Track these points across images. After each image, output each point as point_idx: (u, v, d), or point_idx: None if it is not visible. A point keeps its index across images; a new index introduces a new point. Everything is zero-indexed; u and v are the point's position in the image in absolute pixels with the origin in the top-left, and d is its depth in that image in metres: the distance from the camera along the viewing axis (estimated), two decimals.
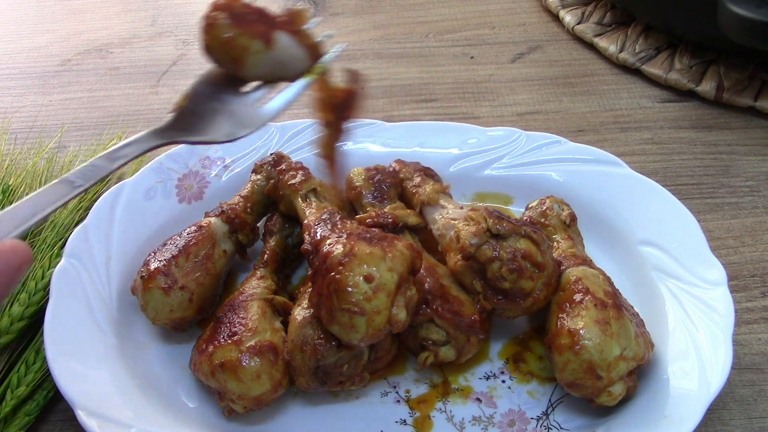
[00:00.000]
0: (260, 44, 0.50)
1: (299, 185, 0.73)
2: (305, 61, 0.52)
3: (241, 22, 0.50)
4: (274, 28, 0.50)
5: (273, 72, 0.51)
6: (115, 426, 0.60)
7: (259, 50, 0.50)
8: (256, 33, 0.50)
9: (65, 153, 0.91)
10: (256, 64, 0.50)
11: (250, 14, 0.50)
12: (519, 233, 0.64)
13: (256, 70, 0.51)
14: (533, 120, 0.96)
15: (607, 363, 0.60)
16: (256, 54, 0.50)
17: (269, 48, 0.50)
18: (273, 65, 0.51)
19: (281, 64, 0.51)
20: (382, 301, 0.58)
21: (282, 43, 0.50)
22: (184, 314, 0.68)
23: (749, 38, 0.84)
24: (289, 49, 0.51)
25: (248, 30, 0.50)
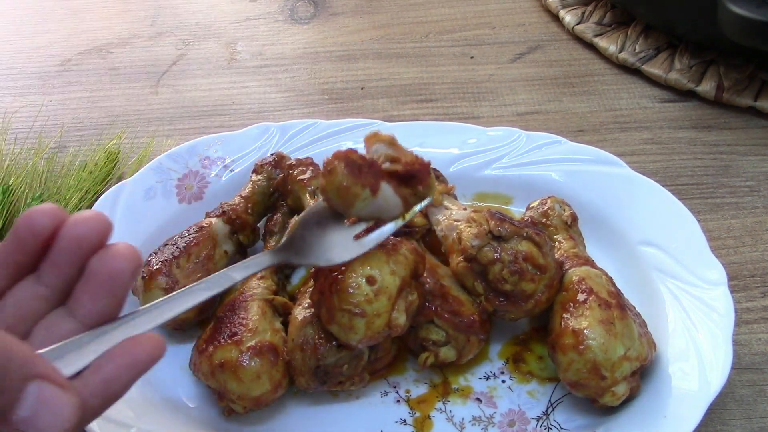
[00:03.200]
0: (368, 193, 0.57)
1: (308, 181, 0.73)
2: (399, 208, 0.60)
3: (355, 171, 0.57)
4: (380, 179, 0.58)
5: (372, 214, 0.59)
6: (115, 426, 0.60)
7: (367, 198, 0.57)
8: (367, 184, 0.57)
9: (65, 153, 0.91)
10: (362, 208, 0.58)
11: (362, 164, 0.57)
12: (521, 235, 0.64)
13: (359, 213, 0.59)
14: (533, 120, 0.96)
15: (612, 363, 0.60)
16: (364, 201, 0.57)
17: (374, 197, 0.58)
18: (374, 209, 0.59)
19: (380, 208, 0.59)
20: (382, 304, 0.58)
21: (385, 193, 0.58)
22: (185, 315, 0.68)
23: (749, 38, 0.84)
24: (388, 198, 0.58)
25: (361, 181, 0.57)
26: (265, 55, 1.09)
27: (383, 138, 0.61)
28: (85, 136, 0.96)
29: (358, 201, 0.57)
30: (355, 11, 1.17)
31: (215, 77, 1.05)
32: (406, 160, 0.59)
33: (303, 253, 0.59)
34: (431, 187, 0.61)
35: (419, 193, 0.60)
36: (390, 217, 0.60)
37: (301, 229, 0.60)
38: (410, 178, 0.59)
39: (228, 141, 0.82)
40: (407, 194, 0.60)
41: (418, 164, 0.60)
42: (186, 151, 0.81)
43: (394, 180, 0.59)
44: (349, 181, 0.57)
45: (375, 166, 0.58)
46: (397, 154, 0.60)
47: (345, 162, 0.57)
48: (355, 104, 1.00)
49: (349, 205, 0.58)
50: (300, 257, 0.59)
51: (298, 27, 1.14)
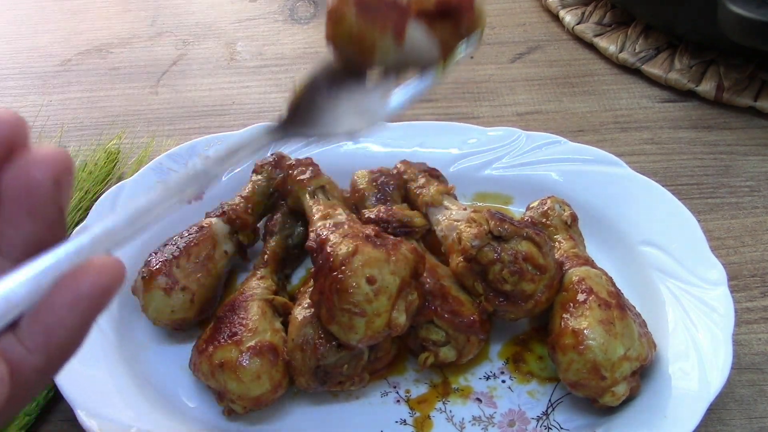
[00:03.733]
0: (390, 38, 0.45)
1: (308, 181, 0.73)
2: (436, 53, 0.47)
3: (371, 14, 0.45)
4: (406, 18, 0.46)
5: (399, 63, 0.47)
6: (115, 426, 0.60)
7: (389, 45, 0.45)
8: (388, 27, 0.45)
9: None
10: (383, 58, 0.46)
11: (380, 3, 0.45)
12: (521, 235, 0.64)
13: (382, 63, 0.46)
14: (533, 120, 0.96)
15: (612, 363, 0.60)
16: (385, 50, 0.45)
17: (399, 42, 0.45)
18: (401, 58, 0.46)
19: (410, 56, 0.47)
20: (382, 304, 0.58)
21: (413, 36, 0.46)
22: (186, 315, 0.68)
23: (749, 38, 0.84)
24: (420, 42, 0.46)
25: (379, 24, 0.45)
26: (265, 55, 1.09)
27: None
28: (85, 136, 0.95)
29: (376, 51, 0.45)
30: None
31: (215, 77, 1.05)
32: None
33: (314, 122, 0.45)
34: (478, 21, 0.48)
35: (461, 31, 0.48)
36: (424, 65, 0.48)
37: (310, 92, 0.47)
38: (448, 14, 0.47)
39: (227, 140, 0.82)
40: (446, 35, 0.47)
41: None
42: (186, 151, 0.81)
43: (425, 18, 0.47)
44: (363, 27, 0.45)
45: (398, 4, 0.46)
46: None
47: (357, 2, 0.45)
48: None
49: (366, 58, 0.46)
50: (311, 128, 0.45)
51: (298, 27, 1.14)
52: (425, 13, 0.47)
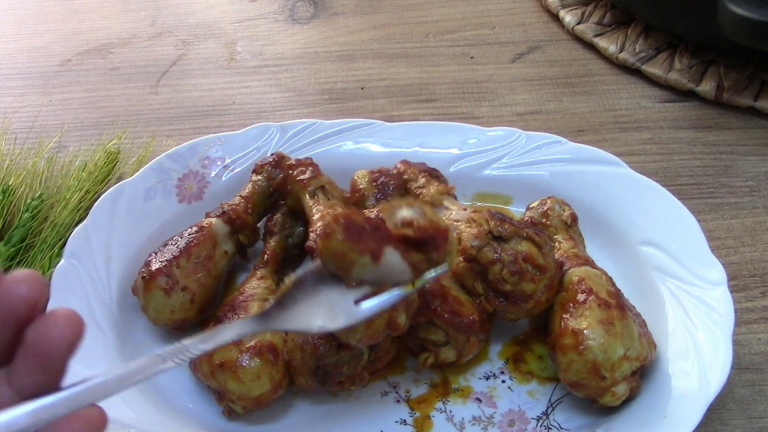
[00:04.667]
0: (368, 260, 0.53)
1: (308, 181, 0.73)
2: (407, 274, 0.55)
3: (355, 236, 0.52)
4: (384, 244, 0.53)
5: (374, 280, 0.54)
6: (115, 426, 0.60)
7: (366, 265, 0.53)
8: (366, 250, 0.52)
9: (65, 153, 0.91)
10: (361, 274, 0.54)
11: (365, 228, 0.53)
12: (521, 235, 0.64)
13: (358, 278, 0.54)
14: (533, 120, 0.96)
15: (611, 363, 0.60)
16: (363, 267, 0.53)
17: (375, 264, 0.53)
18: (376, 275, 0.54)
19: (384, 274, 0.54)
20: None
21: (389, 259, 0.53)
22: (186, 315, 0.68)
23: (749, 38, 0.84)
24: (394, 264, 0.54)
25: (359, 247, 0.52)
26: (265, 55, 1.09)
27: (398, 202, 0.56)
28: (85, 136, 0.96)
29: (355, 267, 0.53)
30: (355, 11, 1.17)
31: (215, 77, 1.05)
32: (420, 224, 0.55)
33: (293, 317, 0.54)
34: (448, 254, 0.56)
35: (433, 260, 0.55)
36: (396, 283, 0.55)
37: (295, 289, 0.55)
38: (424, 244, 0.55)
39: (228, 141, 0.82)
40: (418, 260, 0.55)
41: (433, 229, 0.55)
42: (186, 151, 0.81)
43: (403, 245, 0.55)
44: (346, 248, 0.52)
45: (380, 231, 0.54)
46: (411, 217, 0.55)
47: (344, 226, 0.53)
48: (355, 104, 1.00)
49: (346, 271, 0.54)
50: (289, 322, 0.54)
51: (298, 27, 1.14)
52: (404, 240, 0.54)
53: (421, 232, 0.55)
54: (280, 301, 0.54)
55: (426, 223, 0.55)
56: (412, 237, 0.55)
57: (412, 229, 0.55)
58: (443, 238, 0.55)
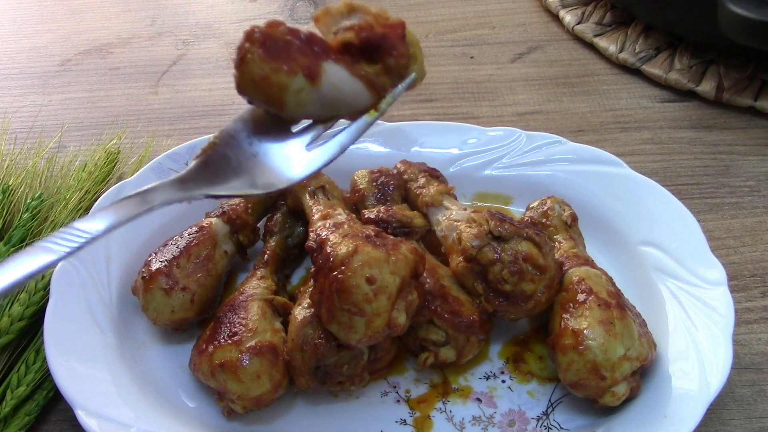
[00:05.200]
0: (303, 81, 0.40)
1: (308, 181, 0.72)
2: (363, 95, 0.42)
3: (277, 53, 0.40)
4: (321, 58, 0.40)
5: (323, 111, 0.42)
6: (115, 426, 0.60)
7: (302, 88, 0.40)
8: (297, 68, 0.40)
9: (65, 153, 0.91)
10: (300, 103, 0.41)
11: (292, 43, 0.41)
12: (521, 235, 0.64)
13: (300, 110, 0.41)
14: (533, 120, 0.96)
15: (611, 363, 0.60)
16: (299, 93, 0.40)
17: (315, 85, 0.40)
18: (322, 104, 0.41)
19: (333, 102, 0.42)
20: (382, 304, 0.58)
21: (332, 77, 0.41)
22: (185, 315, 0.68)
23: (749, 38, 0.84)
24: (341, 84, 0.41)
25: (286, 64, 0.40)
26: None
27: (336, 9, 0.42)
28: (85, 136, 0.96)
29: (289, 93, 0.40)
30: None
31: (215, 77, 1.05)
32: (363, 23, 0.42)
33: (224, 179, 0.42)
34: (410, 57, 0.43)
35: (392, 68, 0.43)
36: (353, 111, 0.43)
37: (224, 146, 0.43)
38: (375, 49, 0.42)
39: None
40: (373, 73, 0.42)
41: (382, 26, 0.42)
42: (186, 151, 0.81)
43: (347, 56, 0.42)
44: (268, 69, 0.40)
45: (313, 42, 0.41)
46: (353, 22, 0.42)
47: (261, 43, 0.40)
48: None
49: (278, 102, 0.41)
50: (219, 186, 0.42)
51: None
52: (348, 50, 0.42)
53: (365, 33, 0.42)
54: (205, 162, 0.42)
55: (371, 19, 0.42)
56: (355, 43, 0.42)
57: (353, 33, 0.42)
58: (397, 35, 0.43)
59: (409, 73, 0.43)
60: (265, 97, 0.41)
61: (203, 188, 0.42)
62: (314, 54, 0.41)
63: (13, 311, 0.69)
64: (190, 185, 0.42)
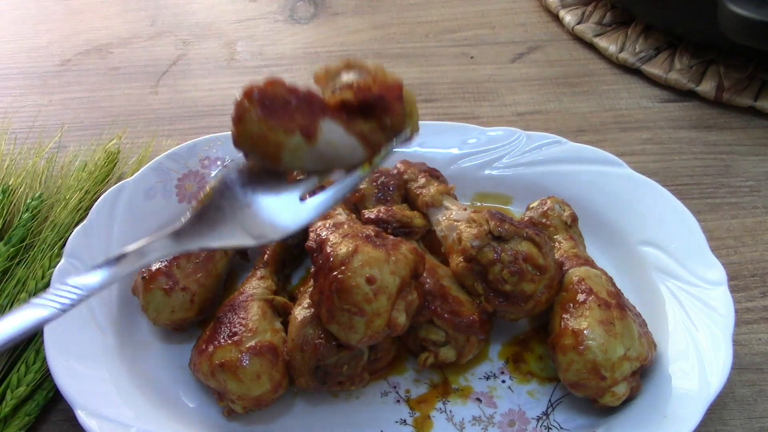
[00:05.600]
0: (299, 140, 0.41)
1: None
2: (358, 151, 0.43)
3: (275, 113, 0.40)
4: (318, 117, 0.41)
5: (318, 165, 0.42)
6: (115, 426, 0.60)
7: (299, 146, 0.41)
8: (294, 127, 0.40)
9: (65, 153, 0.91)
10: (296, 159, 0.42)
11: (290, 102, 0.41)
12: (521, 236, 0.64)
13: (296, 165, 0.42)
14: (533, 120, 0.96)
15: (611, 363, 0.60)
16: (295, 151, 0.41)
17: (311, 143, 0.41)
18: (318, 159, 0.42)
19: (328, 156, 0.42)
20: (382, 304, 0.58)
21: (328, 135, 0.41)
22: (185, 315, 0.68)
23: (749, 38, 0.84)
24: (337, 141, 0.42)
25: (283, 124, 0.40)
26: (265, 55, 1.09)
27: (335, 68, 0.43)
28: (85, 136, 0.95)
29: (286, 151, 0.41)
30: (355, 11, 1.17)
31: (215, 77, 1.05)
32: (361, 83, 0.42)
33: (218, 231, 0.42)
34: (406, 115, 0.44)
35: (388, 126, 0.44)
36: (348, 165, 0.43)
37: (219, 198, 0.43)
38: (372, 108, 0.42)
39: (228, 141, 0.82)
40: (368, 130, 0.43)
41: (379, 87, 0.42)
42: (186, 151, 0.81)
43: (344, 114, 0.42)
44: (265, 128, 0.40)
45: (310, 101, 0.41)
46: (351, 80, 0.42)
47: (259, 102, 0.41)
48: None
49: (274, 159, 0.41)
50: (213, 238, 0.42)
51: (298, 27, 1.14)
52: (345, 108, 0.42)
53: (363, 93, 0.42)
54: (199, 215, 0.43)
55: (368, 80, 0.43)
56: (353, 102, 0.43)
57: (350, 92, 0.43)
58: (394, 96, 0.43)
59: (404, 129, 0.45)
60: (261, 153, 0.42)
61: (198, 241, 0.43)
62: (312, 112, 0.41)
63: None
64: (185, 239, 0.43)
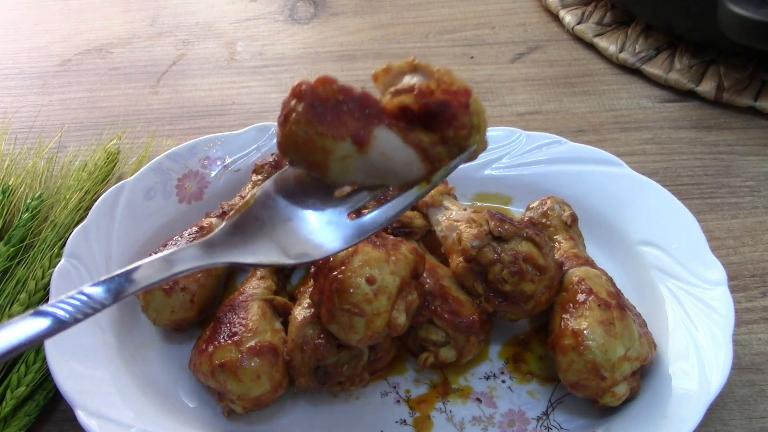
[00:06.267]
0: (350, 147, 0.36)
1: None
2: (416, 166, 0.37)
3: (326, 116, 0.35)
4: (372, 123, 0.36)
5: (370, 179, 0.38)
6: (115, 426, 0.60)
7: (349, 155, 0.36)
8: (345, 133, 0.35)
9: (65, 153, 0.91)
10: (345, 170, 0.37)
11: (342, 104, 0.36)
12: (521, 236, 0.64)
13: (345, 177, 0.37)
14: (533, 120, 0.96)
15: (611, 363, 0.60)
16: (344, 159, 0.36)
17: (363, 152, 0.36)
18: (369, 171, 0.37)
19: (381, 170, 0.37)
20: (382, 304, 0.58)
21: (383, 144, 0.36)
22: (185, 315, 0.68)
23: (749, 38, 0.84)
24: (393, 151, 0.36)
25: (333, 129, 0.35)
26: (265, 55, 1.09)
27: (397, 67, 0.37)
28: (85, 136, 0.95)
29: (333, 159, 0.36)
30: (355, 11, 1.17)
31: (215, 77, 1.05)
32: (424, 87, 0.36)
33: (253, 245, 0.38)
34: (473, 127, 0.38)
35: (450, 139, 0.38)
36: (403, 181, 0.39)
37: (260, 207, 0.39)
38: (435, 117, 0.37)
39: (228, 141, 0.82)
40: (429, 143, 0.37)
41: (444, 92, 0.36)
42: (186, 151, 0.81)
43: (402, 122, 0.37)
44: (312, 131, 0.35)
45: (365, 103, 0.36)
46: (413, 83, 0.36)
47: (308, 102, 0.36)
48: None
49: (321, 168, 0.36)
50: (247, 253, 0.38)
51: (298, 27, 1.14)
52: (404, 116, 0.37)
53: (425, 98, 0.36)
54: (235, 224, 0.38)
55: (432, 84, 0.36)
56: (413, 108, 0.37)
57: (412, 96, 0.37)
58: (460, 104, 0.37)
59: (469, 144, 0.39)
60: (307, 160, 0.37)
61: (231, 255, 0.39)
62: (366, 118, 0.36)
63: (13, 311, 0.69)
64: (218, 251, 0.39)
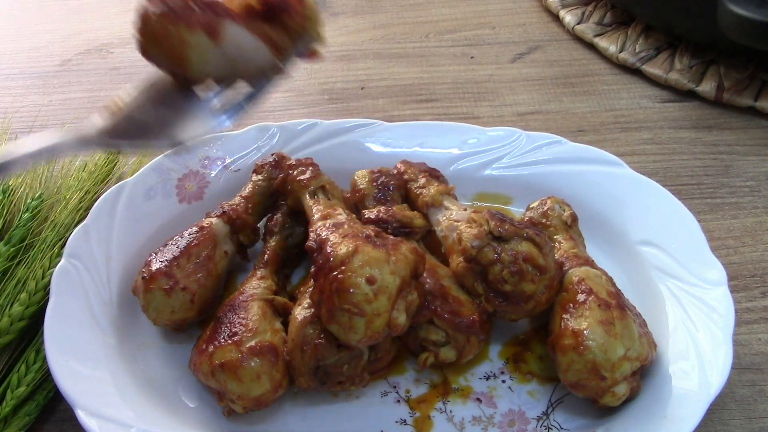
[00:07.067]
0: (203, 37, 0.42)
1: (308, 182, 0.73)
2: (265, 53, 0.45)
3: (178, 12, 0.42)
4: (222, 18, 0.42)
5: (227, 70, 0.44)
6: (115, 426, 0.60)
7: (203, 44, 0.43)
8: (197, 24, 0.42)
9: None
10: (203, 61, 0.43)
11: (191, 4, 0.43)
12: (521, 236, 0.64)
13: (204, 69, 0.44)
14: (533, 120, 0.96)
15: (611, 363, 0.60)
16: (200, 49, 0.43)
17: (216, 42, 0.43)
18: (225, 61, 0.44)
19: (236, 59, 0.44)
20: (382, 304, 0.58)
21: (233, 36, 0.43)
22: (186, 315, 0.68)
23: (749, 38, 0.84)
24: (242, 42, 0.43)
25: (186, 20, 0.42)
26: None
27: None
28: None
29: (190, 51, 0.42)
30: (355, 11, 1.17)
31: None
32: None
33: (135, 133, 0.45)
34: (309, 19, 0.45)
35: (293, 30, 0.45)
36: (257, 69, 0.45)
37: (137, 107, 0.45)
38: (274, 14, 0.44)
39: (228, 141, 0.82)
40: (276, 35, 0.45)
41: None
42: (186, 151, 0.81)
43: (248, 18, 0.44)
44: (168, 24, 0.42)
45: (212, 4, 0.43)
46: None
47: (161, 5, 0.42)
48: (355, 104, 1.00)
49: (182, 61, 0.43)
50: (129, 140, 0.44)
51: None
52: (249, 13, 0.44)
53: None
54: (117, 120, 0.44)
55: None
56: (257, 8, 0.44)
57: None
58: None
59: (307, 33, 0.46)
60: (168, 56, 0.43)
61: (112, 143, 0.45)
62: (215, 14, 0.43)
63: (14, 311, 0.69)
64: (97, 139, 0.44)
